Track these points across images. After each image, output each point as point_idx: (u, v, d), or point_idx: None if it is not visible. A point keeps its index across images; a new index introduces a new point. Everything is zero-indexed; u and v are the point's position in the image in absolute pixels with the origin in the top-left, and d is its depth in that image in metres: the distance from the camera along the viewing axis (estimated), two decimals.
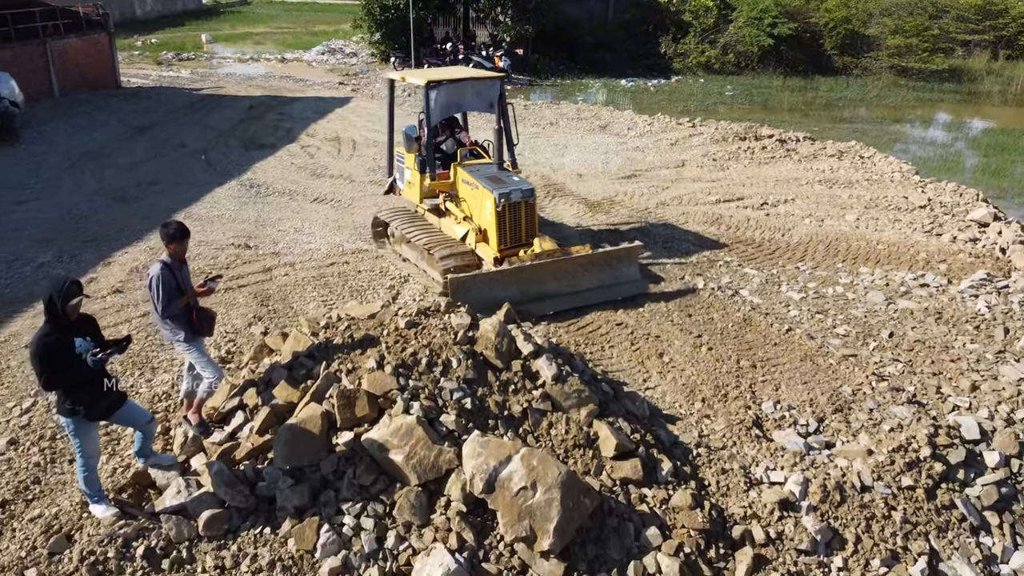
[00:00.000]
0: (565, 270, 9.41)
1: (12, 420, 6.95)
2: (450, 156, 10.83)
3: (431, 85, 9.94)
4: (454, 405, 6.16)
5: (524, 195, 9.60)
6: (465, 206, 10.17)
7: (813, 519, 6.11)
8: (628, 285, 9.77)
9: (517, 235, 9.73)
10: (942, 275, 10.77)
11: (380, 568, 5.43)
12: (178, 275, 6.07)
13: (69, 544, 5.35)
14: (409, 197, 11.21)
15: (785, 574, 5.81)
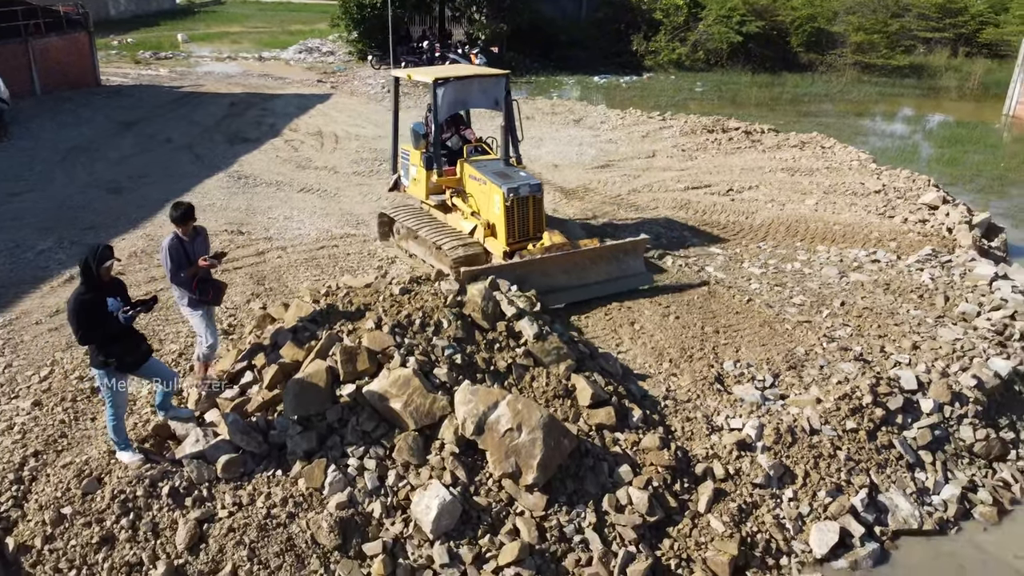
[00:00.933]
0: (574, 263, 9.51)
1: (33, 386, 7.50)
2: (455, 153, 10.89)
3: (438, 82, 10.05)
4: (445, 360, 6.83)
5: (532, 190, 9.71)
6: (472, 201, 10.22)
7: (767, 457, 6.86)
8: (634, 278, 9.92)
9: (525, 229, 9.82)
10: (892, 252, 11.61)
11: (382, 502, 6.09)
12: (188, 247, 6.67)
13: (100, 486, 5.95)
14: (414, 194, 11.29)
15: (742, 504, 6.55)
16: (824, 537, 6.45)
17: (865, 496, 6.78)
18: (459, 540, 5.96)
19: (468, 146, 10.80)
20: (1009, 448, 7.66)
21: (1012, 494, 7.24)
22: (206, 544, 5.71)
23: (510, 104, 10.64)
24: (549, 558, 5.98)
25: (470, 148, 10.75)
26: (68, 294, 9.24)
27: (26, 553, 5.52)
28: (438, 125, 10.45)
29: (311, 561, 5.72)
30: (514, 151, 10.69)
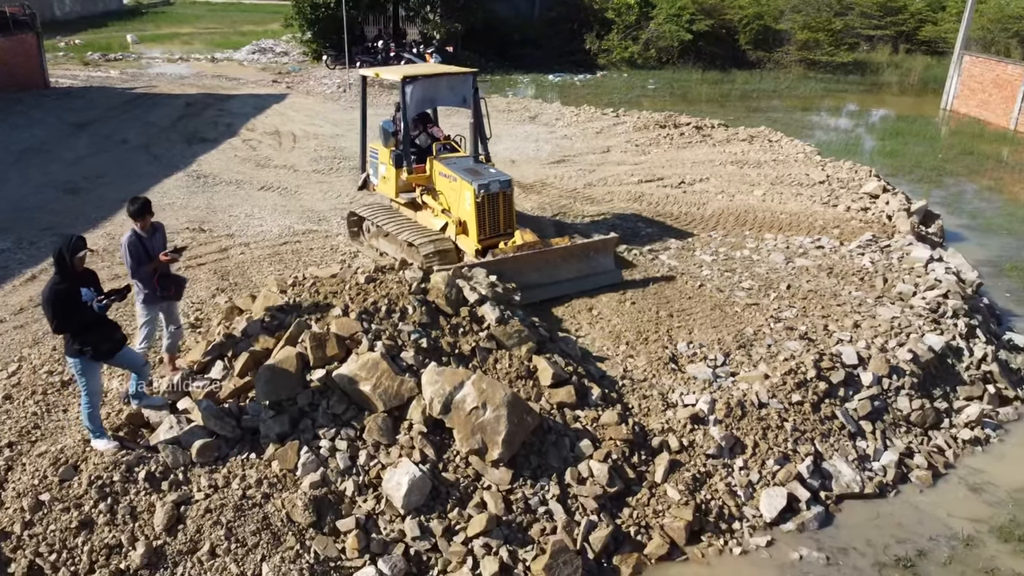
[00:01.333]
0: (546, 261, 9.63)
1: (1, 381, 7.57)
2: (424, 151, 10.94)
3: (407, 80, 10.10)
4: (412, 344, 7.09)
5: (502, 186, 9.82)
6: (443, 198, 10.30)
7: (719, 430, 7.26)
8: (605, 275, 10.07)
9: (496, 225, 9.91)
10: (835, 238, 12.17)
11: (354, 481, 6.33)
12: (147, 243, 6.83)
13: (76, 472, 6.09)
14: (384, 192, 11.31)
15: (696, 473, 6.94)
16: (773, 502, 6.86)
17: (810, 463, 7.22)
18: (429, 514, 6.23)
19: (437, 144, 10.89)
20: (943, 417, 8.19)
21: (945, 459, 7.76)
22: (184, 525, 5.90)
23: (478, 102, 10.68)
24: (516, 528, 6.29)
25: (439, 146, 10.84)
26: (30, 293, 9.38)
27: (5, 539, 5.65)
28: (407, 123, 10.48)
29: (287, 538, 5.94)
30: (483, 148, 10.79)
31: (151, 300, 6.95)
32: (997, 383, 8.77)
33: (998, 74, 25.23)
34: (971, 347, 9.06)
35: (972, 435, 8.05)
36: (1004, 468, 7.70)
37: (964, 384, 8.65)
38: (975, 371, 8.79)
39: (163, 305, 7.18)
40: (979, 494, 7.34)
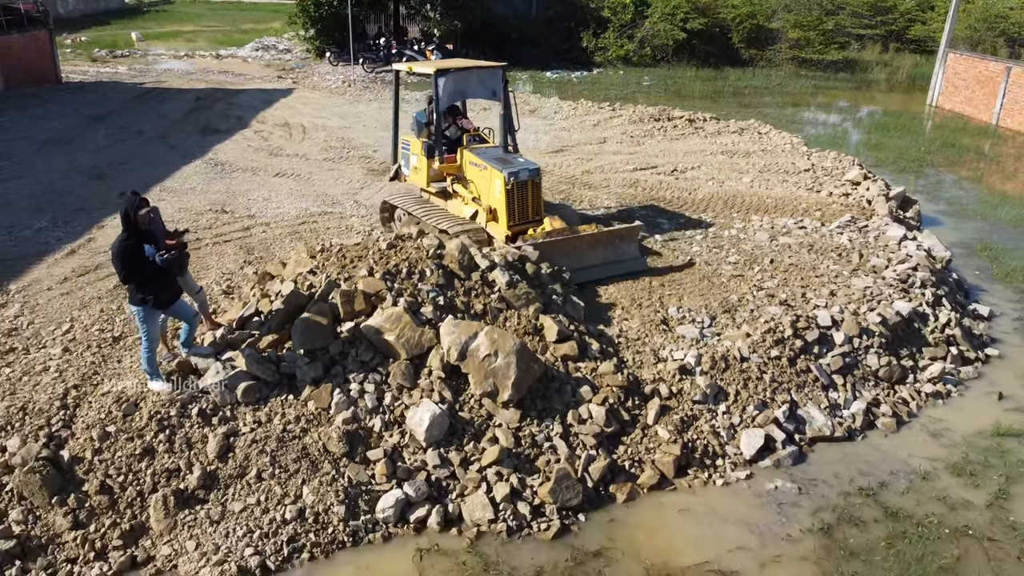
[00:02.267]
0: (574, 247, 9.95)
1: (58, 337, 8.39)
2: (454, 142, 11.23)
3: (440, 73, 10.48)
4: (430, 302, 7.91)
5: (531, 174, 10.18)
6: (473, 187, 10.63)
7: (704, 380, 8.09)
8: (629, 263, 10.43)
9: (525, 212, 10.26)
10: (817, 220, 13.02)
11: (381, 418, 7.16)
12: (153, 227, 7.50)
13: (137, 409, 6.90)
14: (415, 182, 11.65)
15: (684, 416, 7.77)
16: (752, 441, 7.69)
17: (786, 410, 8.05)
18: (448, 447, 7.06)
19: (467, 135, 11.22)
20: (908, 373, 9.03)
21: (909, 409, 8.59)
22: (233, 454, 6.71)
23: (508, 94, 10.99)
24: (524, 459, 7.11)
25: (469, 137, 11.16)
26: (72, 264, 10.19)
27: (79, 463, 6.46)
28: (439, 114, 10.78)
29: (324, 466, 6.76)
30: (512, 139, 11.08)
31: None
32: (959, 345, 9.63)
33: (980, 71, 26.14)
34: (936, 314, 9.91)
35: (934, 389, 8.90)
36: (961, 417, 8.54)
37: (929, 346, 9.50)
38: (939, 334, 9.64)
39: (182, 279, 7.91)
40: (937, 438, 8.18)
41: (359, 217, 12.76)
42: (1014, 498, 7.29)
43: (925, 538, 6.72)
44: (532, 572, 6.22)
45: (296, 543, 6.28)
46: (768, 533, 6.76)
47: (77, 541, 6.10)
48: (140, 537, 6.23)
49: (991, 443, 8.08)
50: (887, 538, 6.73)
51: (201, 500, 6.44)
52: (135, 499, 6.36)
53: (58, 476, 6.35)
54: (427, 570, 6.20)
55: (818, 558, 6.49)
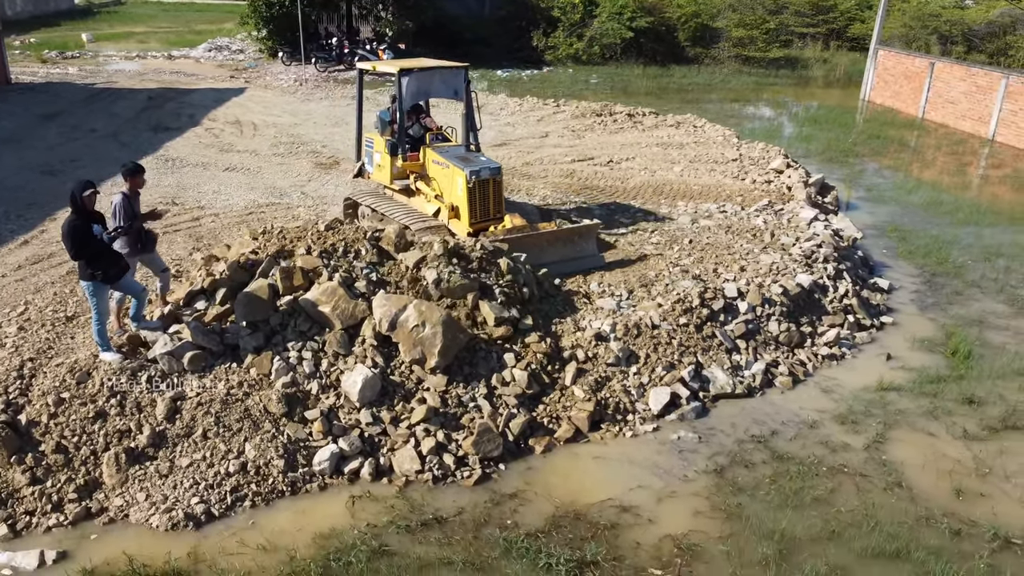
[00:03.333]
0: (533, 244, 10.21)
1: (13, 318, 8.90)
2: (417, 140, 11.50)
3: (403, 72, 10.78)
4: (363, 277, 8.58)
5: (492, 172, 10.46)
6: (435, 185, 10.91)
7: (617, 345, 8.88)
8: (588, 259, 10.75)
9: (487, 210, 10.53)
10: (738, 204, 13.94)
11: (318, 382, 7.82)
12: (135, 203, 8.18)
13: (89, 377, 7.47)
14: (379, 179, 11.91)
15: (598, 377, 8.55)
16: (659, 398, 8.49)
17: (691, 370, 8.88)
18: (380, 407, 7.74)
19: (430, 134, 11.49)
20: (806, 338, 9.93)
21: (805, 369, 9.49)
22: (180, 415, 7.32)
23: (470, 94, 11.26)
24: (450, 418, 7.82)
25: (432, 136, 11.43)
26: (26, 254, 10.68)
27: (35, 426, 7.02)
28: (402, 113, 11.08)
29: (265, 424, 7.41)
30: (473, 138, 11.32)
31: (131, 253, 8.22)
32: (856, 314, 10.57)
33: (907, 67, 27.52)
34: (837, 285, 10.85)
35: (830, 352, 9.81)
36: (852, 376, 9.46)
37: (828, 314, 10.42)
38: (838, 304, 10.57)
39: (144, 257, 8.52)
40: (828, 394, 9.07)
41: (305, 207, 13.37)
42: (890, 441, 8.19)
43: (804, 475, 7.57)
44: (454, 512, 6.94)
45: (239, 493, 6.92)
46: (667, 475, 7.56)
47: (35, 495, 6.66)
48: (94, 491, 6.82)
49: (875, 396, 9.00)
50: (771, 476, 7.57)
51: (151, 457, 7.04)
52: (89, 457, 6.94)
53: (16, 438, 6.90)
54: (359, 512, 6.87)
55: (709, 494, 7.30)
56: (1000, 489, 7.49)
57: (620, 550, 6.55)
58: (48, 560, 6.16)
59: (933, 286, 12.04)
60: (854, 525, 6.94)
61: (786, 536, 6.74)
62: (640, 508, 7.06)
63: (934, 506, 7.20)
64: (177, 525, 6.56)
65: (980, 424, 8.45)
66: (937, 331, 10.62)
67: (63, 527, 6.52)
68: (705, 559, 6.53)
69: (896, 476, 7.63)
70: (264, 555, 6.33)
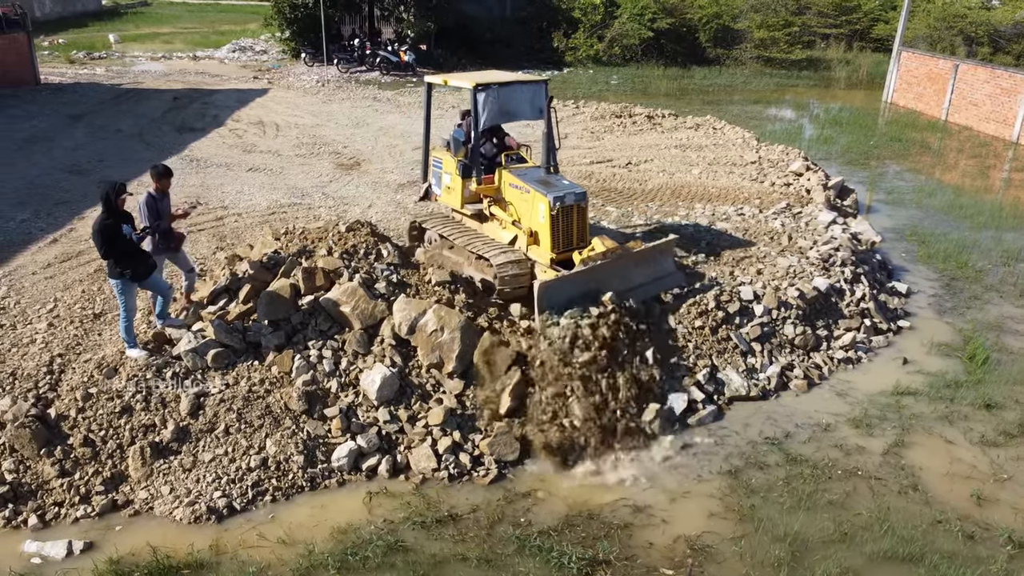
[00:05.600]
0: (625, 266, 9.51)
1: (43, 314, 9.15)
2: (493, 161, 10.52)
3: (479, 88, 9.78)
4: (384, 279, 8.73)
5: (577, 199, 9.50)
6: (512, 210, 9.94)
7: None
8: (669, 278, 10.05)
9: (570, 238, 9.61)
10: (756, 207, 13.95)
11: (338, 380, 7.97)
12: (160, 203, 8.39)
13: (116, 373, 7.67)
14: (448, 202, 10.84)
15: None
16: (676, 403, 8.56)
17: (707, 373, 8.95)
18: (397, 405, 7.88)
19: (510, 153, 10.53)
20: (822, 342, 9.95)
21: (820, 373, 9.51)
22: (203, 411, 7.51)
23: (551, 112, 10.20)
24: (466, 419, 7.94)
25: (508, 157, 10.42)
26: (55, 252, 10.92)
27: (64, 420, 7.23)
28: (477, 132, 10.06)
29: (285, 421, 7.57)
30: (553, 159, 10.34)
31: (158, 251, 8.45)
32: (873, 317, 10.57)
33: (931, 69, 27.28)
34: (853, 289, 10.85)
35: (845, 356, 9.82)
36: (867, 380, 9.47)
37: (844, 318, 10.42)
38: (854, 307, 10.57)
39: (171, 256, 8.76)
40: (843, 397, 9.10)
41: (327, 208, 13.55)
42: (905, 446, 8.21)
43: (818, 478, 7.62)
44: (468, 509, 7.06)
45: (260, 487, 7.09)
46: (681, 476, 7.64)
47: (63, 487, 6.87)
48: (120, 484, 7.02)
49: (890, 400, 9.01)
50: (785, 478, 7.62)
51: (175, 451, 7.23)
52: (115, 451, 7.14)
53: (45, 431, 7.12)
54: (375, 508, 7.02)
55: (723, 495, 7.37)
56: (1019, 495, 7.49)
57: (632, 549, 6.64)
58: (76, 550, 6.36)
59: (952, 290, 11.99)
60: (867, 528, 6.98)
61: (799, 538, 6.80)
62: (653, 508, 7.15)
63: (949, 510, 7.22)
64: (200, 518, 6.74)
65: (997, 430, 8.45)
66: (955, 335, 10.60)
67: (90, 518, 6.72)
68: (718, 560, 6.61)
69: (911, 480, 7.66)
70: (283, 548, 6.48)
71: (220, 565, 6.31)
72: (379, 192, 14.72)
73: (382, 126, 20.84)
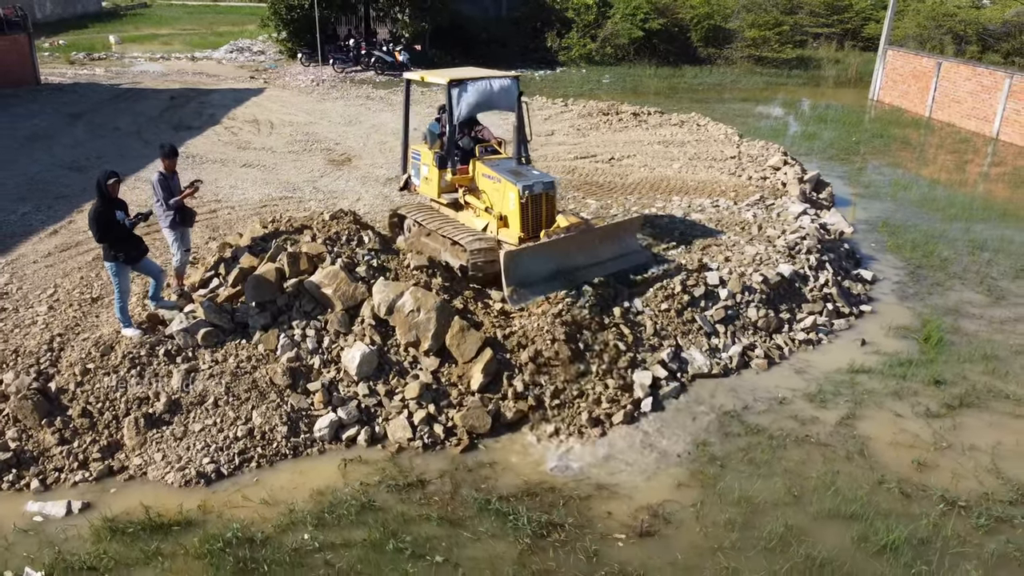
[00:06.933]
0: (590, 242, 10.06)
1: (44, 298, 9.68)
2: (467, 152, 11.14)
3: (453, 84, 10.38)
4: (364, 263, 9.25)
5: (546, 187, 10.08)
6: (485, 198, 10.56)
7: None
8: (635, 255, 10.72)
9: (539, 222, 10.17)
10: (731, 199, 14.46)
11: (320, 358, 8.49)
12: (171, 181, 8.99)
13: (112, 351, 8.19)
14: (426, 193, 11.50)
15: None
16: (642, 380, 9.05)
17: (671, 352, 9.45)
18: (376, 380, 8.39)
19: (480, 146, 11.16)
20: (784, 324, 10.46)
21: (781, 352, 10.01)
22: (194, 385, 8.03)
23: (522, 106, 10.91)
24: (441, 393, 8.45)
25: (481, 148, 11.09)
26: (55, 242, 11.45)
27: (63, 393, 7.75)
28: (452, 125, 10.69)
29: (270, 395, 8.09)
30: (525, 150, 11.00)
31: (175, 225, 9.14)
32: (836, 302, 11.07)
33: (915, 67, 27.80)
34: (817, 275, 11.35)
35: (807, 337, 10.33)
36: (826, 359, 9.97)
37: (807, 302, 10.93)
38: (817, 293, 11.08)
39: (182, 230, 9.36)
40: (801, 375, 9.60)
41: (316, 201, 14.07)
42: (856, 418, 8.70)
43: (775, 447, 8.13)
44: (437, 475, 7.57)
45: (246, 455, 7.60)
46: (647, 448, 8.12)
47: (63, 454, 7.39)
48: (116, 451, 7.54)
49: (845, 377, 9.52)
50: (744, 448, 8.13)
51: (167, 422, 7.75)
52: (111, 421, 7.66)
53: (46, 403, 7.64)
54: (352, 474, 7.53)
55: (686, 465, 7.87)
56: (957, 462, 8.00)
57: (589, 517, 7.10)
58: (75, 509, 6.88)
59: (916, 278, 12.49)
60: (815, 491, 7.48)
61: (751, 501, 7.30)
62: (619, 484, 7.57)
63: (890, 474, 7.73)
64: (190, 482, 7.25)
65: (942, 403, 8.96)
66: (914, 319, 11.10)
67: (88, 482, 7.24)
68: (675, 524, 7.08)
69: (858, 447, 8.16)
70: (266, 508, 7.00)
71: (207, 523, 6.81)
72: (368, 186, 15.24)
73: (374, 124, 21.37)
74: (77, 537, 6.60)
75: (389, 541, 6.60)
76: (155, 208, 9.16)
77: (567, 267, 9.82)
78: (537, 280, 9.54)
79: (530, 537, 6.74)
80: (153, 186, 8.97)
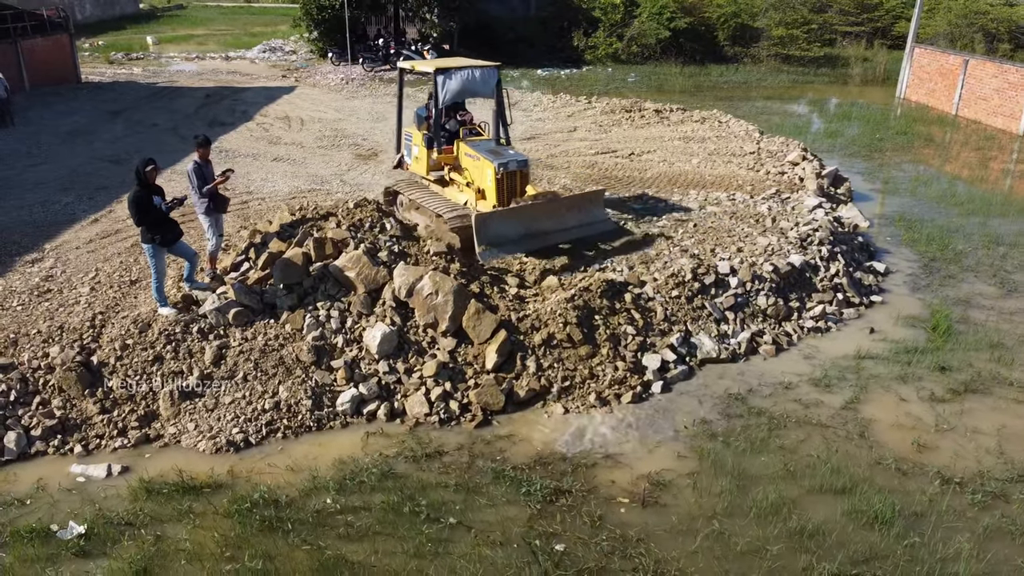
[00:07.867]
0: (555, 210, 11.17)
1: (86, 280, 10.27)
2: (453, 134, 12.35)
3: (439, 71, 11.59)
4: (386, 248, 9.70)
5: (519, 165, 11.33)
6: (467, 174, 11.78)
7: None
8: (601, 223, 11.87)
9: (513, 195, 11.42)
10: (747, 193, 14.71)
11: (343, 337, 8.95)
12: (205, 170, 9.53)
13: (149, 328, 8.72)
14: (416, 170, 12.82)
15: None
16: (651, 363, 9.40)
17: (680, 337, 9.77)
18: (396, 359, 8.83)
19: (463, 128, 12.38)
20: (793, 312, 10.72)
21: (790, 339, 10.28)
22: (225, 361, 8.53)
23: (501, 91, 12.21)
24: (457, 371, 8.87)
25: (465, 131, 12.32)
26: (96, 230, 12.05)
27: (104, 366, 8.29)
28: (438, 109, 11.89)
29: (296, 371, 8.56)
30: (504, 133, 12.33)
31: (210, 211, 9.70)
32: (846, 292, 11.31)
33: (942, 64, 27.69)
34: (828, 266, 11.59)
35: (815, 325, 10.59)
36: (834, 346, 10.22)
37: (817, 292, 11.18)
38: (828, 283, 11.32)
39: (216, 216, 9.89)
40: (808, 360, 9.86)
41: (343, 193, 14.58)
42: (860, 401, 8.96)
43: (774, 427, 8.43)
44: (454, 447, 7.99)
45: (272, 426, 8.08)
46: (652, 427, 8.47)
47: (104, 422, 7.92)
48: (152, 421, 8.06)
49: (852, 363, 9.76)
50: (744, 427, 8.44)
51: (199, 394, 8.26)
52: (148, 393, 8.19)
53: (88, 375, 8.18)
54: (372, 445, 7.97)
55: (687, 440, 8.21)
56: (957, 443, 8.23)
57: (595, 484, 7.48)
58: (114, 472, 7.41)
59: (929, 270, 12.65)
60: (811, 467, 7.77)
61: (745, 473, 7.62)
62: (623, 456, 7.95)
63: (889, 453, 7.98)
64: (220, 449, 7.75)
65: (946, 388, 9.17)
66: (924, 310, 11.29)
67: (126, 448, 7.77)
68: (672, 491, 7.44)
69: (860, 429, 8.42)
70: (290, 474, 7.47)
71: (235, 486, 7.30)
72: (392, 179, 15.68)
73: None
74: (116, 496, 7.12)
75: (406, 504, 7.03)
76: (191, 195, 9.70)
77: (535, 231, 11.01)
78: (505, 241, 10.70)
79: (540, 503, 7.13)
80: (189, 175, 9.53)
